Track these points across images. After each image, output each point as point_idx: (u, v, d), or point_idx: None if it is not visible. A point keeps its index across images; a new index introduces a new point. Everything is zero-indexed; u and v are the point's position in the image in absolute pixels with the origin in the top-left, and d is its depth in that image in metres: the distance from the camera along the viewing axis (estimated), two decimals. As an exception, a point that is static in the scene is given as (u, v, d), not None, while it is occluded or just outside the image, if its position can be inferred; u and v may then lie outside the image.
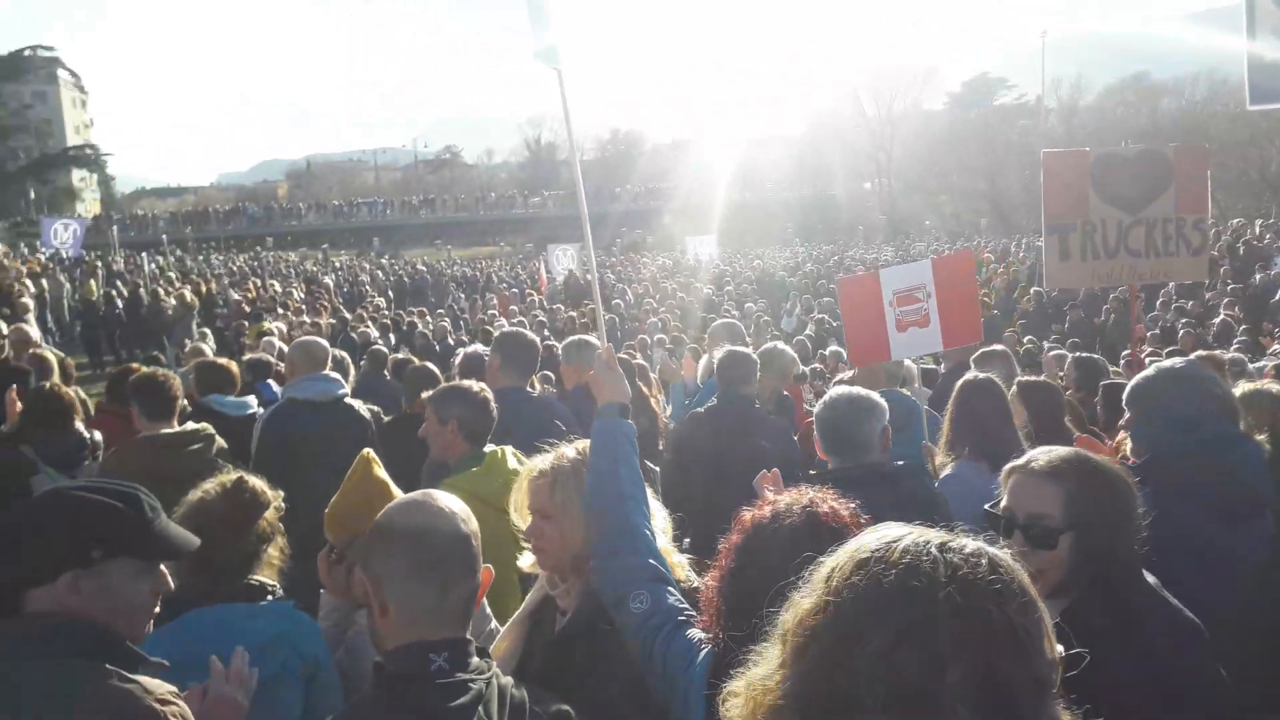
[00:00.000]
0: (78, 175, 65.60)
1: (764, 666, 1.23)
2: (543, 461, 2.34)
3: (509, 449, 3.52)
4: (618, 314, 19.36)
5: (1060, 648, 1.16)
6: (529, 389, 4.62)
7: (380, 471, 2.87)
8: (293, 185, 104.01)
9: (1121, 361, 8.78)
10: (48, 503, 1.85)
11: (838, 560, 1.18)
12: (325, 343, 5.23)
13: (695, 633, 1.91)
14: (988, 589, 1.09)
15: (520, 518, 2.36)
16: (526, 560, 2.39)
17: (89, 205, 65.10)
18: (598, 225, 58.73)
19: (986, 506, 2.15)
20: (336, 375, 5.08)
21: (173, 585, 1.93)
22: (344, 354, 6.71)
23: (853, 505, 1.85)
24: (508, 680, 1.70)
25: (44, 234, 26.82)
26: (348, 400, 5.02)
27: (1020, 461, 2.12)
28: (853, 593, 1.12)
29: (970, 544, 1.15)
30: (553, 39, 3.13)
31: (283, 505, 2.61)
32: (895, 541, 1.15)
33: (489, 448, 3.57)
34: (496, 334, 5.08)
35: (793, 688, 1.14)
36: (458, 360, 6.10)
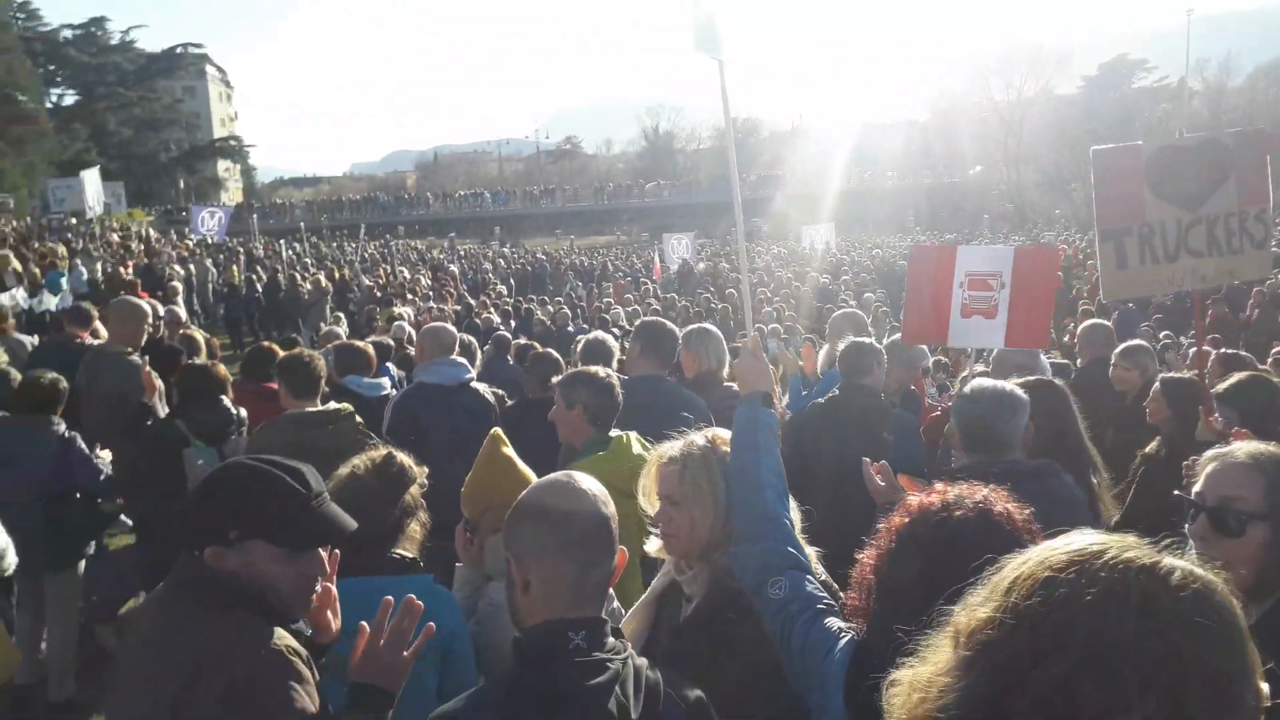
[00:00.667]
0: (222, 166, 69.42)
1: (931, 666, 1.15)
2: (672, 448, 2.36)
3: (634, 435, 3.55)
4: (730, 303, 19.26)
5: (1265, 687, 1.02)
6: (666, 377, 4.64)
7: (508, 450, 3.00)
8: (421, 176, 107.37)
9: (1270, 359, 8.23)
10: (221, 479, 2.00)
11: (1020, 571, 1.08)
12: (453, 329, 5.41)
13: (835, 621, 1.90)
14: (1190, 621, 0.98)
15: (648, 503, 2.39)
16: (653, 545, 2.42)
17: (232, 194, 68.86)
18: (713, 214, 58.42)
19: (1175, 491, 2.07)
20: (463, 360, 5.25)
21: (329, 571, 2.03)
22: (471, 339, 6.91)
23: (1028, 511, 1.77)
24: (643, 661, 1.73)
25: (192, 221, 28.56)
26: (474, 384, 5.18)
27: (1222, 450, 2.04)
28: (1034, 609, 1.03)
29: (1178, 567, 1.03)
30: (711, 28, 3.14)
31: (426, 482, 2.71)
32: (1089, 557, 1.05)
33: (615, 433, 3.62)
34: (638, 322, 5.13)
35: (957, 700, 1.07)
36: (578, 346, 6.20)
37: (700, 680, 1.90)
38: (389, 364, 7.22)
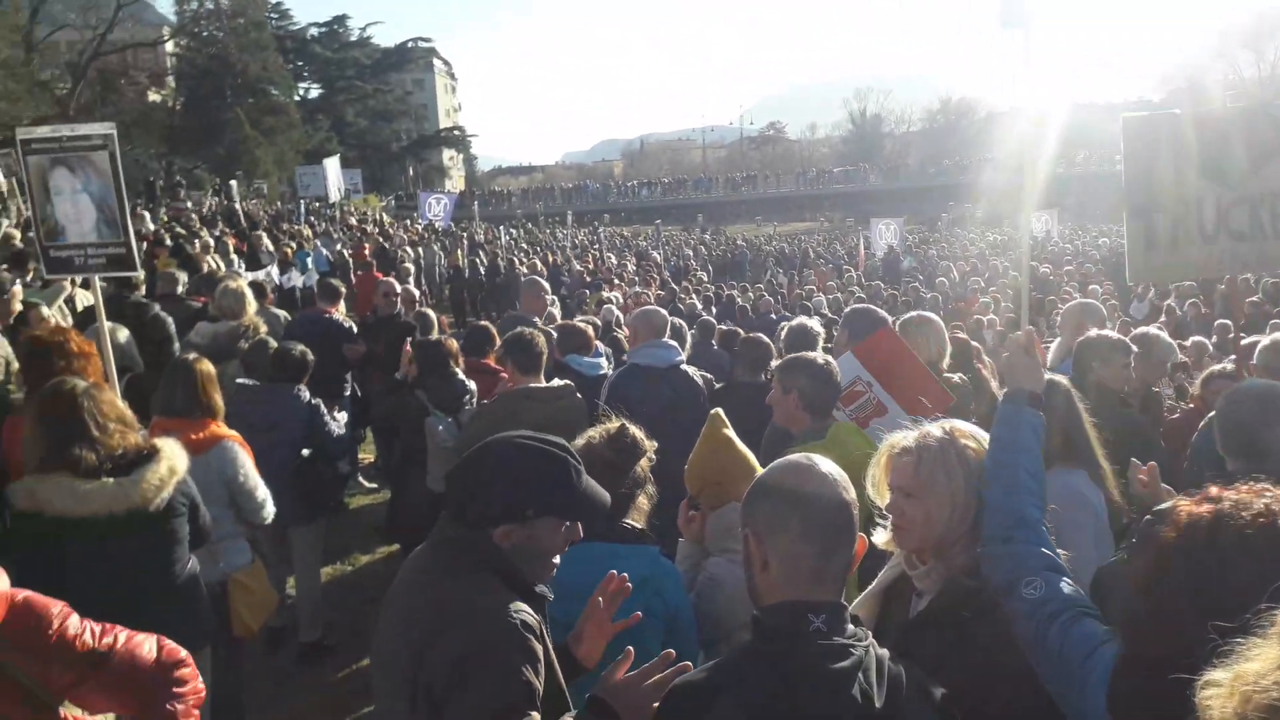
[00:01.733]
0: (447, 154, 73.76)
1: (1260, 663, 1.14)
2: (906, 438, 2.29)
3: (851, 423, 3.50)
4: (941, 293, 18.46)
5: None
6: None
7: (728, 431, 3.05)
8: (627, 163, 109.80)
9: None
10: (498, 458, 2.04)
11: None
12: (665, 312, 5.50)
13: (1094, 624, 1.81)
14: None
15: (878, 494, 2.34)
16: (881, 536, 2.36)
17: (455, 182, 73.11)
18: (922, 199, 56.22)
19: None
20: (674, 343, 5.33)
21: (582, 535, 2.10)
22: (681, 323, 7.00)
23: None
24: (884, 651, 1.70)
25: (420, 207, 30.47)
26: (684, 366, 5.25)
27: None
28: None
29: None
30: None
31: (654, 457, 2.79)
32: None
33: (833, 421, 3.58)
34: (847, 309, 5.05)
35: None
36: (783, 333, 6.15)
37: (931, 677, 1.85)
38: (598, 344, 7.45)
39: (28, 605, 2.08)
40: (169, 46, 48.57)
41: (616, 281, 21.00)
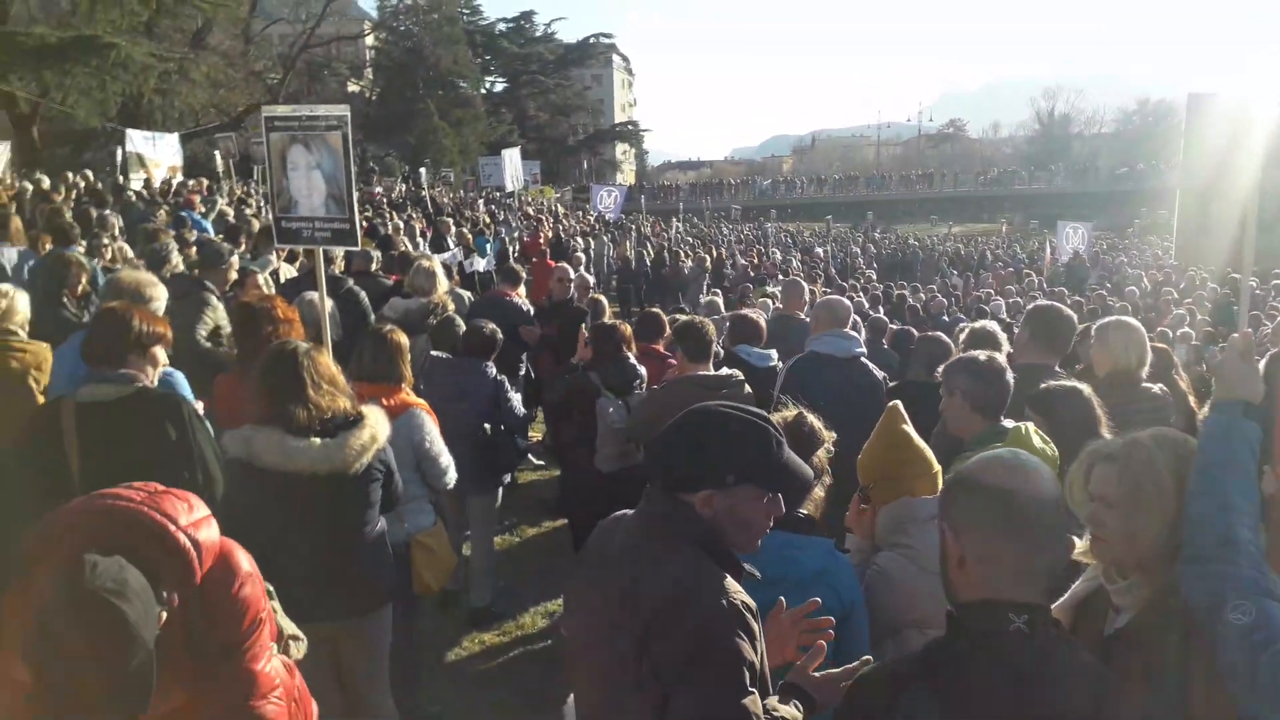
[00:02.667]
0: (620, 149, 75.09)
1: None
2: (1109, 445, 2.17)
3: (1031, 426, 3.31)
4: (1130, 302, 17.27)
5: None
6: (1057, 369, 4.31)
7: (907, 426, 2.97)
8: (797, 160, 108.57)
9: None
10: (702, 425, 2.05)
11: None
12: (848, 302, 5.41)
13: None
14: None
15: (1074, 501, 2.23)
16: (1078, 547, 2.25)
17: (626, 175, 74.27)
18: (1112, 204, 52.64)
19: None
20: (855, 334, 5.25)
21: (784, 511, 2.07)
22: (858, 318, 6.89)
23: None
24: (1090, 658, 1.63)
25: (592, 199, 31.22)
26: (863, 359, 5.17)
27: None
28: None
29: None
30: None
31: (832, 448, 2.77)
32: None
33: (1009, 423, 3.41)
34: (1030, 305, 4.82)
35: None
36: (963, 335, 5.95)
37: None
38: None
39: (225, 557, 2.17)
40: (369, 40, 51.65)
41: (780, 277, 20.86)
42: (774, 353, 5.73)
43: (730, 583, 1.92)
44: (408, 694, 4.29)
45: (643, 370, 5.43)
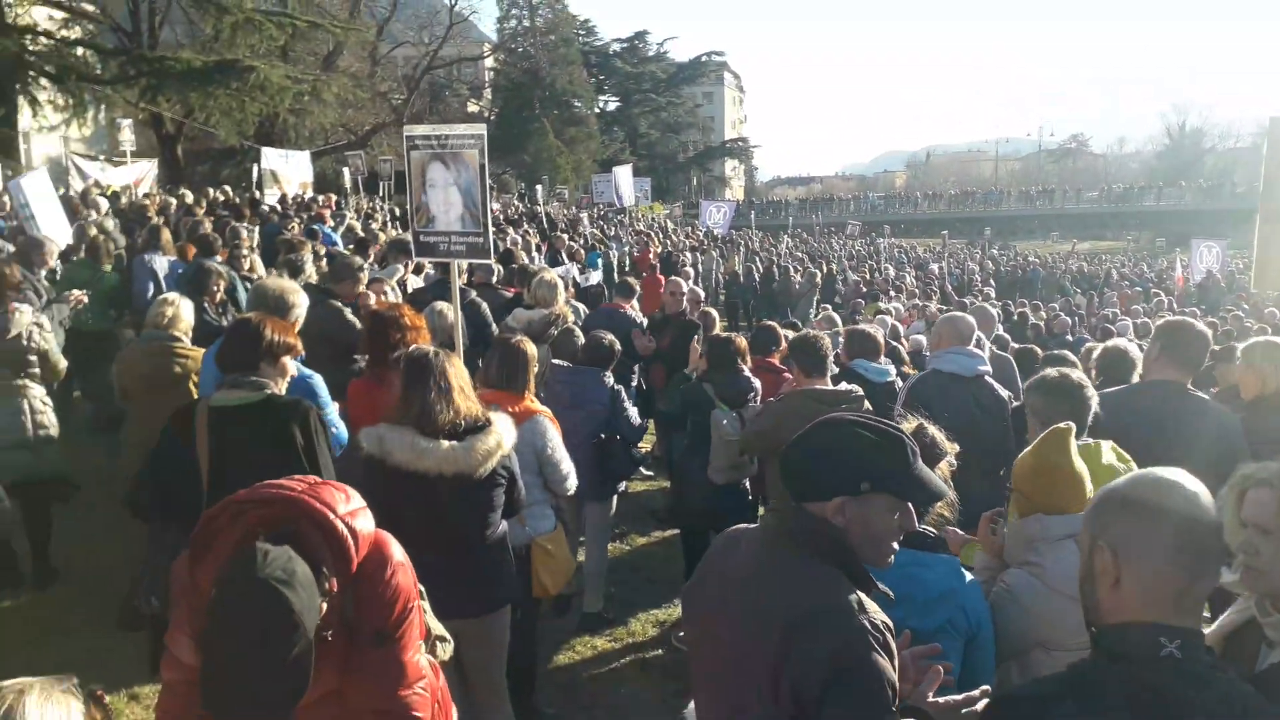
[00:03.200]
0: (730, 165, 75.14)
1: None
2: (1265, 468, 2.07)
3: (1107, 444, 3.13)
4: (1271, 324, 16.23)
5: None
6: (1189, 388, 4.11)
7: (1073, 446, 2.79)
8: (911, 175, 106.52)
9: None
10: (834, 433, 2.03)
11: None
12: (971, 319, 5.28)
13: None
14: None
15: (1228, 528, 2.12)
16: (1228, 575, 2.14)
17: (735, 191, 74.26)
18: (1242, 221, 49.79)
19: None
20: (980, 351, 5.11)
21: (917, 525, 2.05)
22: (982, 335, 6.73)
23: None
24: (1248, 689, 1.55)
25: (702, 214, 31.33)
26: (988, 378, 5.03)
27: None
28: None
29: None
30: None
31: (954, 462, 2.72)
32: None
33: (1085, 440, 3.25)
34: (1159, 322, 4.61)
35: None
36: (1094, 354, 5.74)
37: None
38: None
39: (379, 547, 2.25)
40: (488, 61, 53.23)
41: (893, 293, 20.48)
42: (892, 368, 5.66)
43: (867, 600, 1.89)
44: (525, 695, 4.38)
45: (757, 383, 5.43)
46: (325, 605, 2.02)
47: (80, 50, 22.35)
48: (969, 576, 2.61)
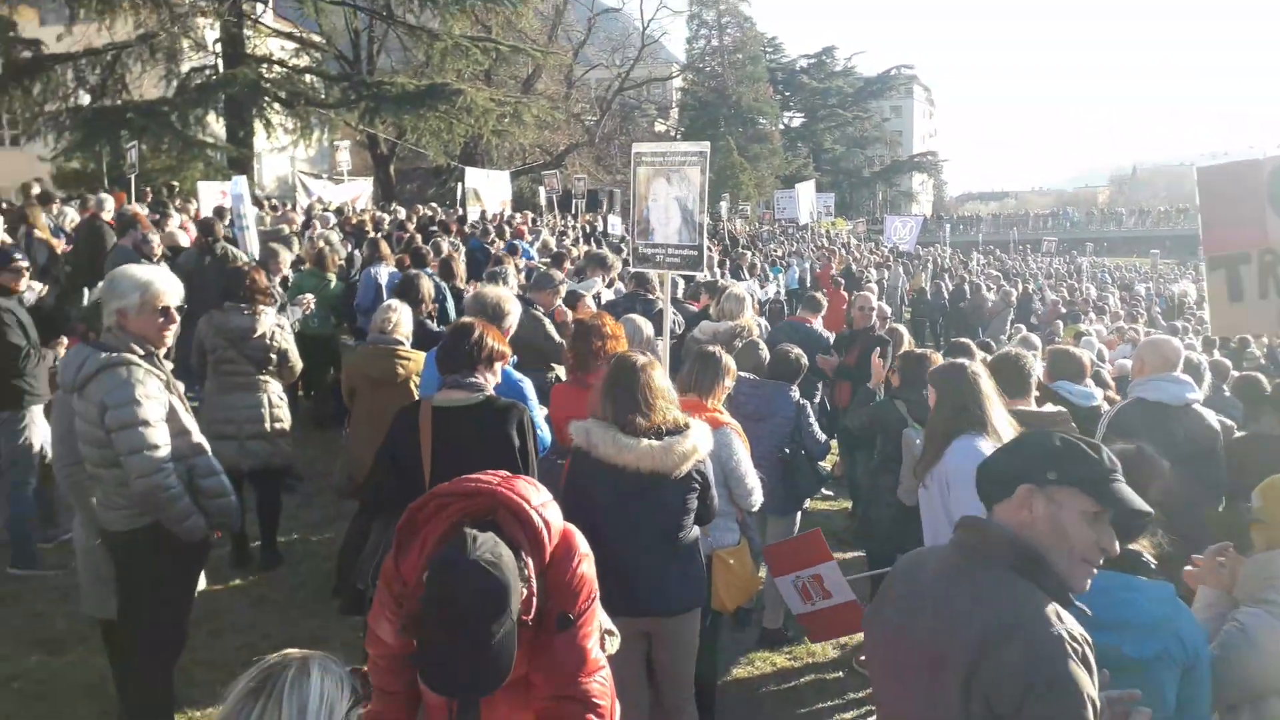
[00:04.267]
0: (917, 180, 72.81)
1: None
2: None
3: None
4: None
5: None
6: None
7: None
8: (1114, 191, 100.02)
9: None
10: (1026, 435, 2.05)
11: None
12: (1178, 343, 4.96)
13: None
14: None
15: None
16: None
17: (922, 206, 71.86)
18: None
19: None
20: (1188, 378, 4.79)
21: (1117, 550, 1.94)
22: (1200, 359, 6.28)
23: None
24: None
25: (887, 230, 30.65)
26: (1198, 407, 4.71)
27: None
28: None
29: None
30: None
31: (1172, 488, 2.59)
32: None
33: None
34: None
35: None
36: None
37: None
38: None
39: (567, 538, 2.37)
40: (676, 81, 54.15)
41: (1095, 315, 19.31)
42: (1098, 391, 5.38)
43: (1064, 612, 1.84)
44: (704, 707, 4.43)
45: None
46: (525, 591, 2.14)
47: (308, 77, 24.48)
48: (1185, 605, 2.48)
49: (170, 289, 3.62)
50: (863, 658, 5.24)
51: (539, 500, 2.30)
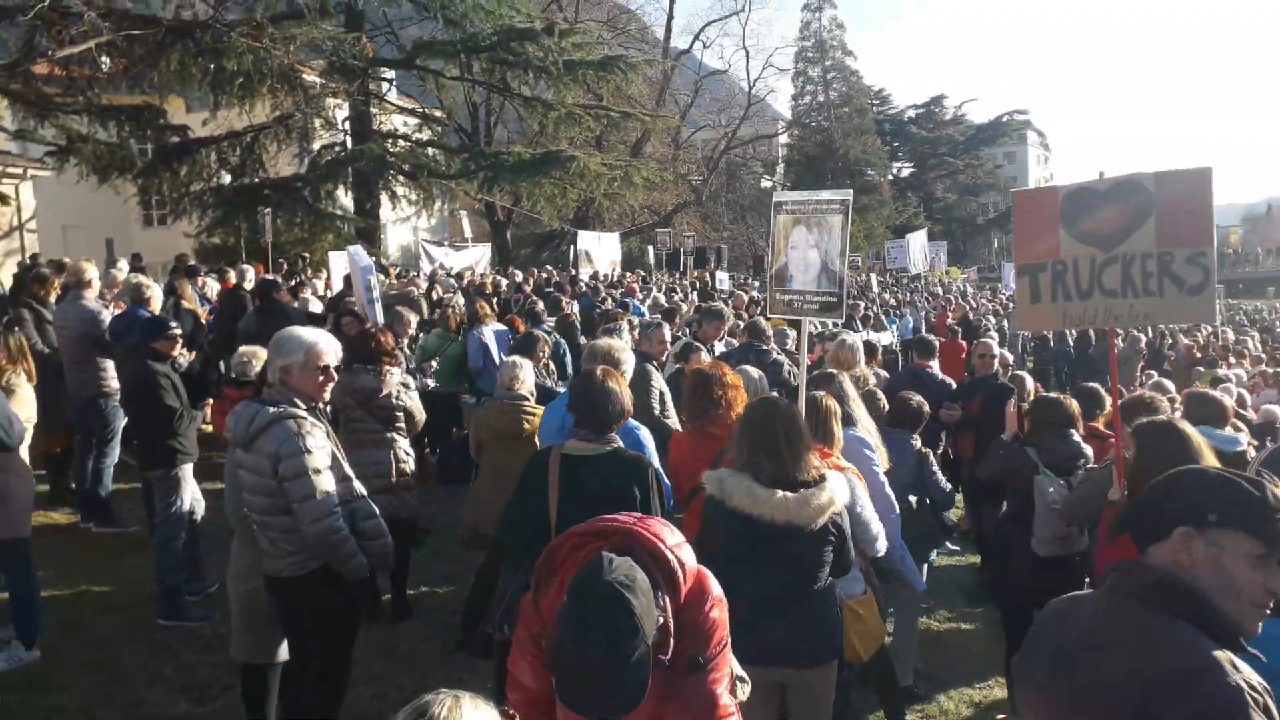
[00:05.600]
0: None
1: None
2: None
3: None
4: None
5: None
6: None
7: None
8: (1247, 230, 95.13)
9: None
10: (1182, 472, 1.93)
11: None
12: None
13: None
14: None
15: None
16: None
17: (1040, 252, 69.65)
18: None
19: None
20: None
21: None
22: (1357, 402, 5.90)
23: None
24: None
25: (1004, 277, 29.90)
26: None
27: None
28: None
29: None
30: None
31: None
32: None
33: None
34: None
35: None
36: None
37: None
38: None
39: (701, 581, 2.39)
40: (782, 138, 54.50)
41: (1233, 359, 18.25)
42: (1242, 436, 5.10)
43: (1238, 660, 1.70)
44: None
45: (1089, 450, 5.10)
46: (661, 620, 2.17)
47: (430, 150, 25.69)
48: None
49: (330, 349, 3.91)
50: (1001, 717, 5.01)
51: (674, 541, 2.34)
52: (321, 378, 3.86)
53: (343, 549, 3.74)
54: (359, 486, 3.98)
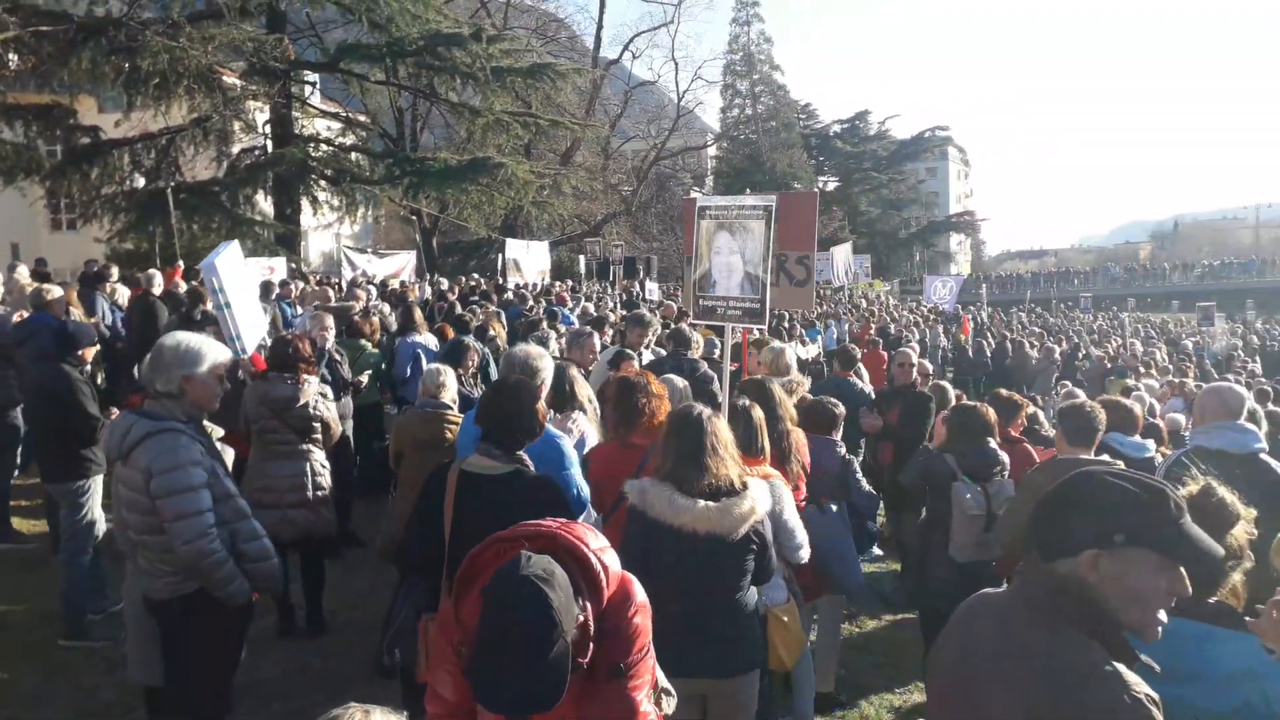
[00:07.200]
0: (955, 240, 72.87)
1: None
2: None
3: None
4: None
5: None
6: None
7: None
8: (1156, 246, 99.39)
9: None
10: (1086, 484, 1.90)
11: None
12: (1242, 391, 4.83)
13: None
14: None
15: None
16: None
17: (960, 266, 71.64)
18: None
19: None
20: (1252, 426, 4.64)
21: (1189, 591, 1.83)
22: (1257, 408, 6.13)
23: None
24: None
25: (925, 290, 30.57)
26: (1263, 455, 4.56)
27: None
28: None
29: None
30: None
31: (1254, 530, 2.51)
32: None
33: None
34: None
35: None
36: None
37: None
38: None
39: (625, 586, 2.36)
40: (711, 150, 55.03)
41: (1142, 369, 18.96)
42: (1150, 443, 5.26)
43: (1128, 673, 1.73)
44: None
45: (1005, 457, 5.19)
46: (581, 618, 2.12)
47: (354, 155, 25.23)
48: (1272, 659, 2.36)
49: (226, 357, 3.80)
50: (921, 721, 5.08)
51: (598, 545, 2.30)
52: (219, 388, 3.75)
53: (218, 573, 3.56)
54: (243, 504, 3.80)
